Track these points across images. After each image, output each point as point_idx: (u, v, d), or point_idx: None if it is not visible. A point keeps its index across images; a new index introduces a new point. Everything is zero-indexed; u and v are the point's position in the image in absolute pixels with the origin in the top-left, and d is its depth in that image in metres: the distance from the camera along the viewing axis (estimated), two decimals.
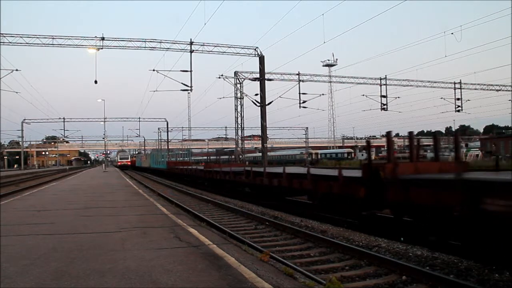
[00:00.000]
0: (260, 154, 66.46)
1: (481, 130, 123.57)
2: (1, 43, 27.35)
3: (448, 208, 6.35)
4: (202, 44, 29.02)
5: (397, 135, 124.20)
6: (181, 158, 47.48)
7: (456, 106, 42.02)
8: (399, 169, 7.81)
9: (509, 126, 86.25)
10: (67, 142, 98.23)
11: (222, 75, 33.96)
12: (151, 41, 28.91)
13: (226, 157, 57.62)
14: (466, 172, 7.73)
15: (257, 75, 29.55)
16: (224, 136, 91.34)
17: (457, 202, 6.09)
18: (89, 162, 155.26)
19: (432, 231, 7.14)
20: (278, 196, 14.35)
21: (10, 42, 27.50)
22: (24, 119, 65.57)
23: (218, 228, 9.26)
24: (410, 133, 9.01)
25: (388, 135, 9.44)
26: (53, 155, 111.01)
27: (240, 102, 33.29)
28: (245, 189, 17.77)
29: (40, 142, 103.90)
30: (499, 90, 45.13)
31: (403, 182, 7.38)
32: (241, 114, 33.48)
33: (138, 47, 28.88)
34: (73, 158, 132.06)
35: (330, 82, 48.55)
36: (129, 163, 79.76)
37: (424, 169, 8.17)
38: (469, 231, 6.22)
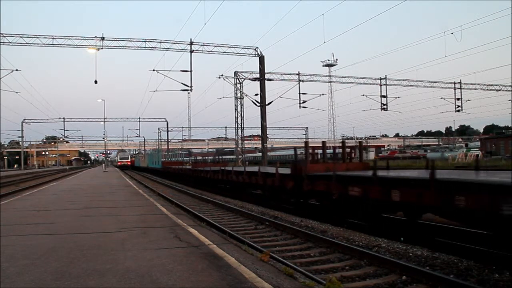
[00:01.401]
0: (260, 154, 67.70)
1: (481, 130, 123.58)
2: (1, 43, 27.38)
3: (331, 194, 9.50)
4: (202, 44, 29.05)
5: (397, 135, 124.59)
6: (174, 158, 52.51)
7: (456, 106, 42.06)
8: (309, 168, 11.03)
9: (509, 126, 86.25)
10: (67, 142, 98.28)
11: (222, 75, 34.01)
12: (151, 41, 28.94)
13: (226, 157, 57.98)
14: (367, 169, 11.00)
15: (257, 75, 29.56)
16: (224, 136, 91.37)
17: (336, 190, 9.40)
18: (89, 162, 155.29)
19: (327, 209, 10.50)
20: (242, 189, 17.33)
21: (10, 42, 27.52)
22: (24, 119, 65.73)
23: (218, 228, 9.26)
24: (323, 142, 12.96)
25: (305, 144, 12.41)
26: (53, 155, 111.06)
27: (240, 102, 33.30)
28: (220, 185, 20.66)
29: (40, 142, 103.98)
30: (499, 90, 45.16)
31: (311, 177, 10.67)
32: (241, 114, 33.50)
33: (138, 47, 28.91)
34: (73, 158, 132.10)
35: (330, 82, 48.57)
36: (129, 163, 79.88)
37: (331, 168, 10.39)
38: (341, 207, 9.69)
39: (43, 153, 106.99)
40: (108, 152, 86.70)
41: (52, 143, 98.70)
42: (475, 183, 6.23)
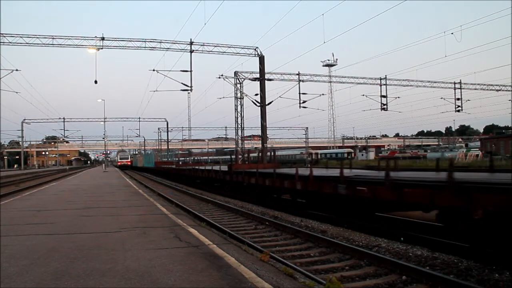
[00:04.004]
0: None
1: (481, 130, 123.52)
2: (1, 43, 27.34)
3: (243, 182, 16.33)
4: (202, 44, 28.97)
5: (397, 135, 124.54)
6: (165, 159, 60.12)
7: (456, 106, 41.98)
8: (235, 167, 19.36)
9: (509, 126, 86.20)
10: (67, 142, 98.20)
11: (222, 75, 33.94)
12: (151, 41, 28.86)
13: (228, 156, 58.97)
14: (276, 168, 16.52)
15: (257, 75, 29.52)
16: (224, 136, 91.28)
17: (245, 180, 16.15)
18: (89, 162, 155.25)
19: (245, 189, 16.85)
20: (207, 183, 23.38)
21: (10, 42, 27.47)
22: (24, 119, 65.54)
23: (218, 228, 9.26)
24: (249, 150, 20.76)
25: (236, 151, 18.77)
26: (53, 155, 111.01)
27: (240, 102, 33.27)
28: (196, 180, 26.03)
29: (40, 142, 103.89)
30: (499, 90, 45.08)
31: (236, 173, 18.01)
32: (241, 114, 33.47)
33: (138, 47, 28.83)
34: (73, 158, 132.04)
35: (330, 82, 48.52)
36: (129, 163, 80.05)
37: (251, 167, 18.68)
38: (249, 189, 16.20)
39: (43, 153, 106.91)
40: (108, 152, 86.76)
41: (52, 143, 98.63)
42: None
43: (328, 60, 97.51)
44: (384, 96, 39.92)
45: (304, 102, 36.71)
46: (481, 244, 6.48)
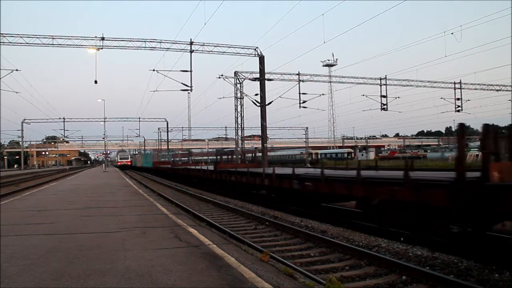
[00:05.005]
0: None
1: (481, 130, 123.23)
2: (1, 43, 27.34)
3: (226, 180, 18.77)
4: (202, 44, 28.98)
5: (397, 135, 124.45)
6: (162, 159, 61.69)
7: (456, 106, 42.01)
8: (218, 166, 21.34)
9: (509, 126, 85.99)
10: (67, 142, 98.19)
11: (222, 75, 33.96)
12: (151, 41, 28.88)
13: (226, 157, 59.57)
14: (258, 167, 18.98)
15: (257, 75, 29.51)
16: (224, 136, 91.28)
17: (226, 178, 18.78)
18: (89, 162, 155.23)
19: (227, 186, 18.78)
20: (199, 182, 24.98)
21: (10, 42, 27.47)
22: (24, 119, 65.59)
23: (218, 228, 9.26)
24: (236, 150, 25.04)
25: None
26: (53, 155, 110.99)
27: (240, 102, 33.28)
28: (192, 179, 27.64)
29: (40, 142, 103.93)
30: (499, 90, 45.11)
31: (219, 172, 19.93)
32: (241, 114, 33.47)
33: (138, 47, 28.85)
34: (73, 158, 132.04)
35: (330, 82, 48.53)
36: (129, 163, 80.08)
37: (232, 166, 20.76)
38: (229, 186, 18.43)
39: (43, 153, 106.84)
40: (108, 152, 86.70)
41: (52, 143, 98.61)
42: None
43: (328, 60, 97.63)
44: (384, 96, 39.93)
45: (304, 102, 36.72)
46: (383, 224, 8.37)
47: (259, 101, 29.03)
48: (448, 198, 6.42)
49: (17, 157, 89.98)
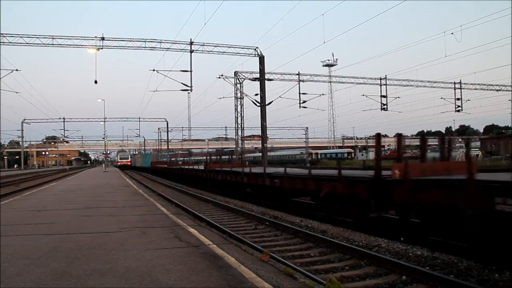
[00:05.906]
0: (260, 154, 69.76)
1: (481, 130, 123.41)
2: (1, 43, 27.35)
3: (217, 178, 20.30)
4: (202, 44, 29.02)
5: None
6: (160, 159, 64.30)
7: (456, 106, 42.01)
8: (209, 166, 22.98)
9: (509, 126, 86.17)
10: (67, 142, 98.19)
11: (222, 75, 34.00)
12: (151, 41, 28.91)
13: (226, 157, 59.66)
14: (244, 167, 19.13)
15: (257, 75, 29.53)
16: (224, 136, 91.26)
17: (216, 176, 20.49)
18: (89, 162, 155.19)
19: (216, 184, 20.40)
20: (194, 180, 25.91)
21: (10, 42, 27.50)
22: (24, 119, 65.65)
23: (218, 228, 9.26)
24: (227, 150, 28.55)
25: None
26: (53, 155, 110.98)
27: (240, 102, 33.31)
28: (183, 177, 29.55)
29: (40, 142, 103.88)
30: (499, 90, 45.11)
31: (209, 170, 22.06)
32: (241, 114, 33.50)
33: (138, 47, 28.89)
34: (73, 158, 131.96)
35: (330, 82, 48.56)
36: (129, 163, 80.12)
37: (220, 166, 22.38)
38: (220, 184, 20.05)
39: (43, 153, 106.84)
40: (108, 152, 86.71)
41: (52, 143, 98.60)
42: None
43: (328, 60, 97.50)
44: (384, 96, 39.96)
45: (304, 102, 36.75)
46: (328, 212, 10.33)
47: (259, 101, 29.04)
48: (368, 192, 8.41)
49: (17, 157, 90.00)
